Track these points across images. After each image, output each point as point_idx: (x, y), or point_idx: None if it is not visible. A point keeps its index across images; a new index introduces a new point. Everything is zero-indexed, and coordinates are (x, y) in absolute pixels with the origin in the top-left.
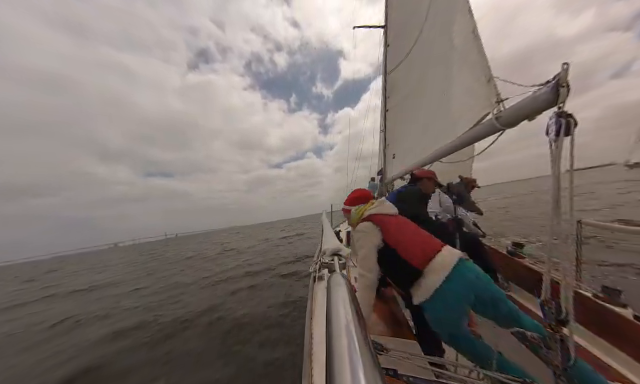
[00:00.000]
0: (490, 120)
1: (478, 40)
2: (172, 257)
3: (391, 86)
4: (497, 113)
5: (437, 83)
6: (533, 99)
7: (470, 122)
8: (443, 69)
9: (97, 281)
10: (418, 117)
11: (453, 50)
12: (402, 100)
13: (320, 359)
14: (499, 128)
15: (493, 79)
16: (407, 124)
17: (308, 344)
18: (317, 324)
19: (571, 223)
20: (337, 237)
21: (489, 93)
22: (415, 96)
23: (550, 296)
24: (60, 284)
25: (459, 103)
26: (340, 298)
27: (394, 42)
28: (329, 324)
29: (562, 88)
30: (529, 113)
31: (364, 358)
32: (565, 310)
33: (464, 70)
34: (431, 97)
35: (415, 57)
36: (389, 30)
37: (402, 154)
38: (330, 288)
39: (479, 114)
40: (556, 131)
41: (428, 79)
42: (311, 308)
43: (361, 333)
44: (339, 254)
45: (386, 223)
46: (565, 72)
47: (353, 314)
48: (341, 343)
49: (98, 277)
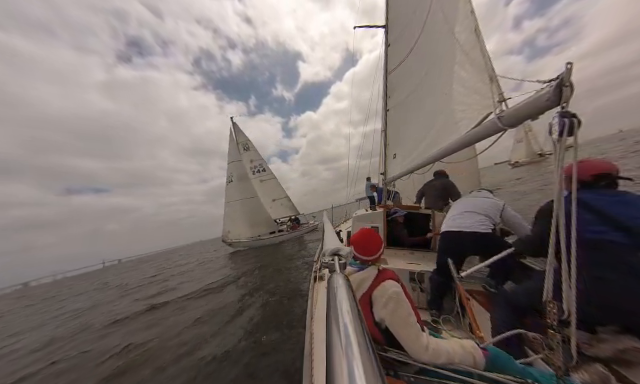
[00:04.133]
0: (492, 120)
1: (480, 39)
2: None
3: (392, 86)
4: (499, 113)
5: (439, 82)
6: (536, 99)
7: (472, 122)
8: (445, 68)
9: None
10: (419, 117)
11: (455, 49)
12: (403, 100)
13: (320, 359)
14: (501, 128)
15: (496, 78)
16: (408, 124)
17: (308, 344)
18: (317, 324)
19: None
20: (338, 237)
21: (491, 92)
22: (416, 96)
23: (552, 297)
24: None
25: (461, 102)
26: (340, 298)
27: (395, 42)
28: (329, 324)
29: (565, 88)
30: (532, 113)
31: (364, 358)
32: (567, 311)
33: (466, 69)
34: (432, 97)
35: (416, 56)
36: (390, 30)
37: (403, 154)
38: (330, 288)
39: (481, 113)
40: (559, 131)
41: (429, 78)
42: (311, 308)
43: (361, 333)
44: (339, 254)
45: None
46: (569, 72)
47: (353, 314)
48: (341, 343)
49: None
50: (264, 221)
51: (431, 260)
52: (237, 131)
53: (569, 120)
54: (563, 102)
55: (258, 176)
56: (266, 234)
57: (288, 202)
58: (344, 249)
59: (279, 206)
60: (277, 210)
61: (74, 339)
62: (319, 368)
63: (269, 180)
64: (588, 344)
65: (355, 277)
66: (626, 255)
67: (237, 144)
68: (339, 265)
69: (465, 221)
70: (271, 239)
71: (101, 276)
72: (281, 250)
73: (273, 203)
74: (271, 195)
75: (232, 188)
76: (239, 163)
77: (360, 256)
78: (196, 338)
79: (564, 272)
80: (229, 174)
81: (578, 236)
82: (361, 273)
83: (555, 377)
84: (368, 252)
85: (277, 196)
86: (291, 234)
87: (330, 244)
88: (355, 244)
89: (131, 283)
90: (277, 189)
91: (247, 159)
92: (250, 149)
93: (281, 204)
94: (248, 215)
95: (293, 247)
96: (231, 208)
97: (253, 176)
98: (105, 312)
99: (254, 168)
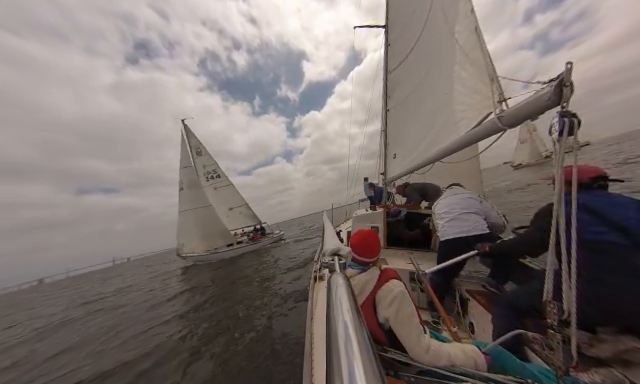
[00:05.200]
0: (492, 120)
1: (481, 39)
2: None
3: (392, 85)
4: (499, 112)
5: (439, 82)
6: (536, 98)
7: (472, 121)
8: (445, 68)
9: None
10: (419, 117)
11: (455, 49)
12: (403, 99)
13: (320, 359)
14: (501, 128)
15: (497, 78)
16: (408, 124)
17: (308, 344)
18: (317, 324)
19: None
20: (338, 237)
21: (491, 92)
22: (416, 95)
23: (552, 297)
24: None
25: (461, 102)
26: (340, 298)
27: (395, 41)
28: (329, 324)
29: (566, 87)
30: (532, 113)
31: (364, 358)
32: (567, 311)
33: (466, 69)
34: (433, 96)
35: (416, 56)
36: (390, 29)
37: (403, 154)
38: (330, 288)
39: (481, 113)
40: (559, 131)
41: (430, 78)
42: (311, 308)
43: (361, 333)
44: (339, 254)
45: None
46: (569, 71)
47: (353, 314)
48: (341, 343)
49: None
50: (219, 232)
51: (431, 260)
52: (189, 134)
53: (569, 120)
54: (563, 102)
55: (212, 183)
56: (223, 247)
57: (247, 210)
58: (344, 249)
59: (237, 215)
60: (235, 220)
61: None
62: (319, 368)
63: (225, 187)
64: (588, 344)
65: (358, 279)
66: (625, 256)
67: (190, 148)
68: (339, 265)
69: (464, 225)
70: (228, 252)
71: (111, 272)
72: (240, 266)
73: (230, 212)
74: (227, 203)
75: (183, 196)
76: (190, 169)
77: (360, 258)
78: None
79: (564, 272)
80: (180, 181)
81: (578, 237)
82: (363, 275)
83: (555, 377)
84: (368, 253)
85: (234, 204)
86: (252, 246)
87: (330, 244)
88: (354, 246)
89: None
90: (234, 197)
91: (200, 165)
92: (203, 154)
93: (239, 213)
94: (201, 226)
95: (252, 261)
96: (183, 218)
97: (207, 183)
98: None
99: (208, 174)
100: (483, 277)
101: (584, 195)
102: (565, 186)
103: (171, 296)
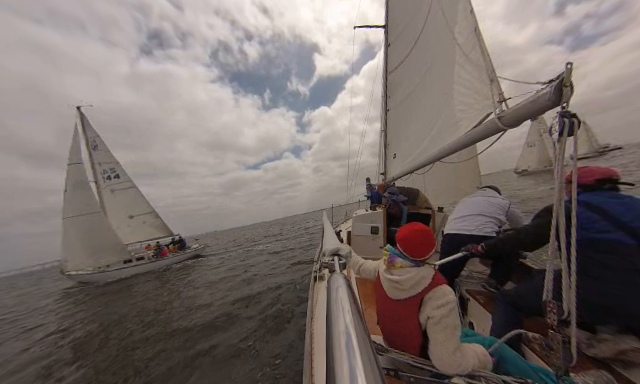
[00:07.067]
0: (492, 120)
1: (480, 39)
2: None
3: (392, 85)
4: (499, 113)
5: (439, 82)
6: (536, 99)
7: (472, 122)
8: (445, 68)
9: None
10: (419, 117)
11: (455, 49)
12: (403, 100)
13: (320, 359)
14: (501, 128)
15: (497, 78)
16: (408, 124)
17: (308, 344)
18: (317, 324)
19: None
20: (338, 237)
21: (491, 92)
22: (416, 95)
23: (552, 297)
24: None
25: (461, 102)
26: (340, 298)
27: (395, 42)
28: (329, 324)
29: (566, 88)
30: (532, 113)
31: (364, 358)
32: (567, 311)
33: (466, 69)
34: (432, 96)
35: (416, 56)
36: (390, 29)
37: (403, 154)
38: (330, 288)
39: (481, 114)
40: (559, 131)
41: (429, 78)
42: (311, 308)
43: (361, 333)
44: (339, 254)
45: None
46: (569, 72)
47: (353, 314)
48: (341, 343)
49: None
50: (109, 246)
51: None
52: (86, 124)
53: (569, 120)
54: (563, 102)
55: (109, 184)
56: (118, 264)
57: (154, 219)
58: (344, 249)
59: (140, 225)
60: (138, 230)
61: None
62: (319, 368)
63: (125, 189)
64: (588, 344)
65: (410, 274)
66: (629, 255)
67: (87, 141)
68: (339, 265)
69: (469, 224)
70: (123, 271)
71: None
72: (128, 294)
73: (131, 221)
74: (127, 210)
75: (67, 200)
76: (79, 166)
77: (409, 256)
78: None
79: (564, 272)
80: (66, 180)
81: (582, 235)
82: (418, 270)
83: (555, 377)
84: (420, 253)
85: (137, 211)
86: (155, 263)
87: (330, 244)
88: (406, 241)
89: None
90: (137, 202)
91: (95, 161)
92: (99, 148)
93: (143, 222)
94: (86, 238)
95: (145, 287)
96: (66, 228)
97: (104, 184)
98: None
99: (104, 173)
100: (483, 277)
101: (589, 195)
102: (569, 188)
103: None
